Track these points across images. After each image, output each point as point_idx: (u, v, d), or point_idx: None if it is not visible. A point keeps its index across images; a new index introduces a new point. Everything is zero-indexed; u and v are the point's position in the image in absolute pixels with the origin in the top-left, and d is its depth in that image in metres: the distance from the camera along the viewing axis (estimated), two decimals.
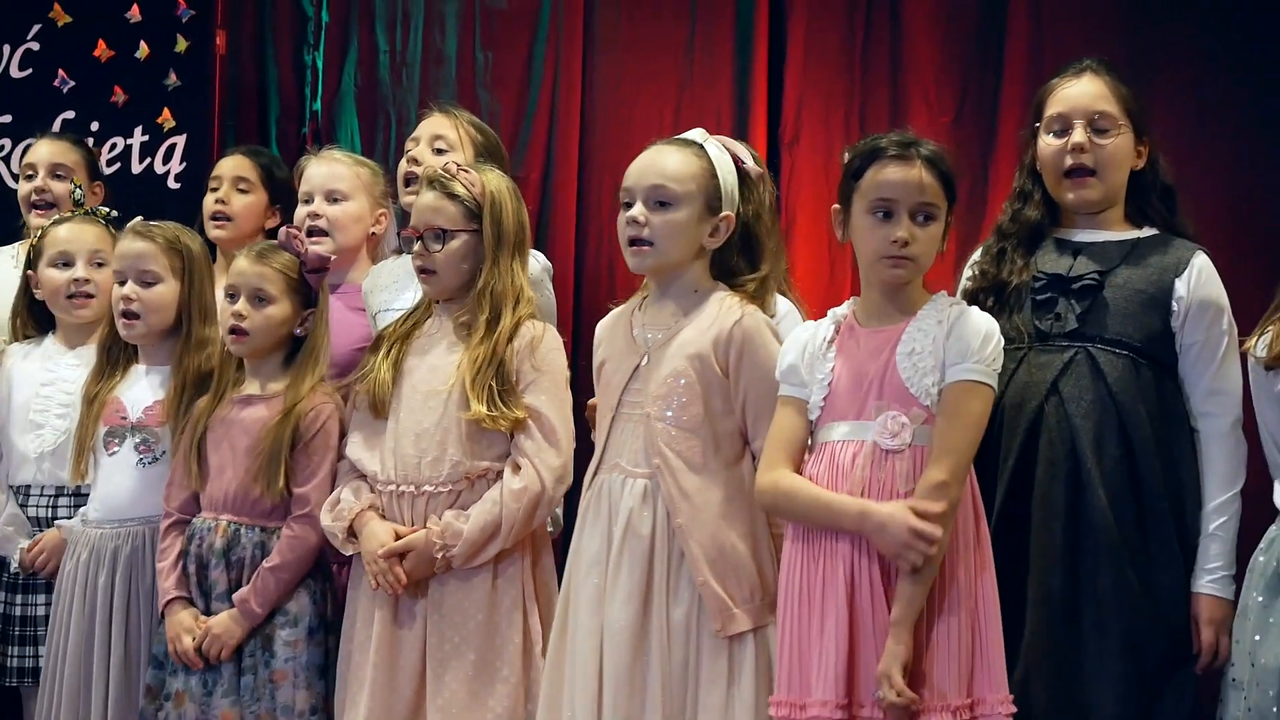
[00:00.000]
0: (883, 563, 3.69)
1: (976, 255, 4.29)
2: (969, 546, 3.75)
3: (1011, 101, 5.32)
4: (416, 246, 4.28)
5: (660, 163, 4.03)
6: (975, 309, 3.87)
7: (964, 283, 4.27)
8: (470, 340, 4.24)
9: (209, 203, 5.32)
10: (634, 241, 4.01)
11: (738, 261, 4.12)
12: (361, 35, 6.07)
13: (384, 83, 6.04)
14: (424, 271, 4.29)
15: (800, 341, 3.92)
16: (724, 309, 4.01)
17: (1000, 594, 3.79)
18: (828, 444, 3.80)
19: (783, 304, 4.26)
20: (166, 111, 6.11)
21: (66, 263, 4.83)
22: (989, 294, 4.18)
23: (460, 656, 4.16)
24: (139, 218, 4.72)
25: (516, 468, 4.19)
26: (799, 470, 3.83)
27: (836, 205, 3.90)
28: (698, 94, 5.61)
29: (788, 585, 3.80)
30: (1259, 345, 4.02)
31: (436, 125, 4.93)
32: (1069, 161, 4.13)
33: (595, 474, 4.06)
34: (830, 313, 3.97)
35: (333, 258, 4.59)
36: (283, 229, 4.50)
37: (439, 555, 4.13)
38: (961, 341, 3.76)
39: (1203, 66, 5.22)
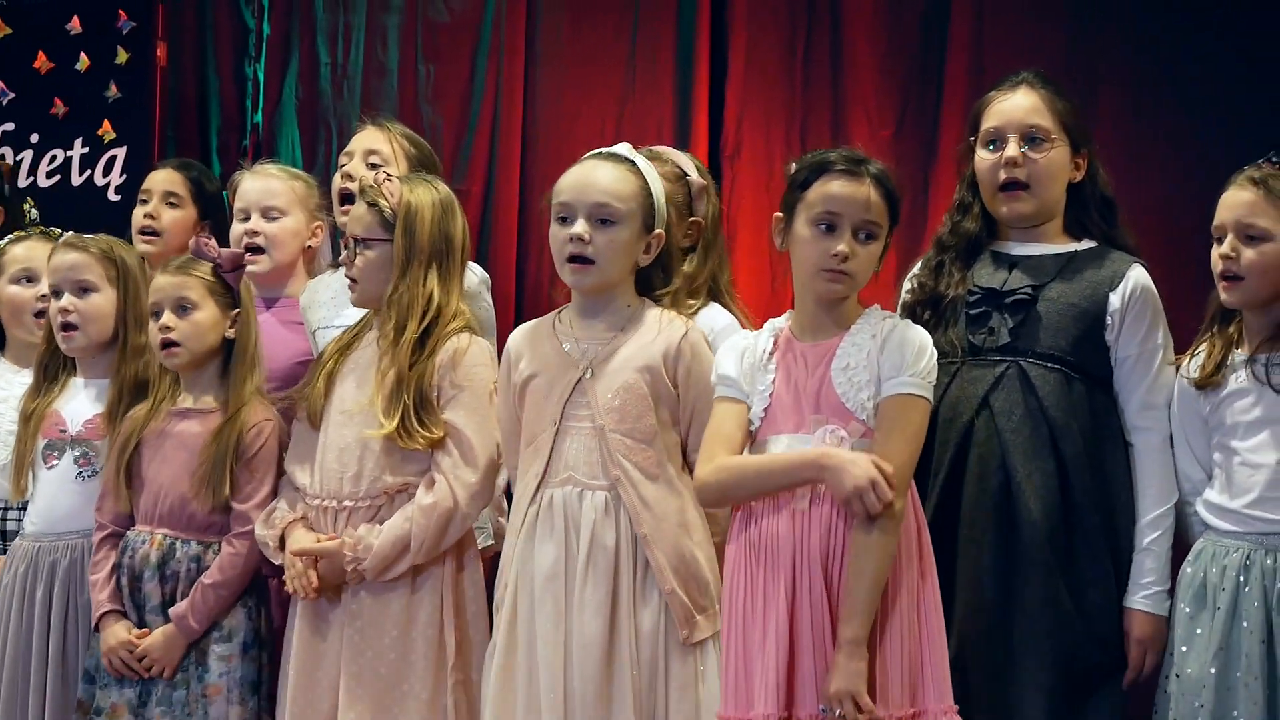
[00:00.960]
0: (825, 568, 3.68)
1: (916, 268, 4.29)
2: (912, 557, 3.75)
3: (952, 114, 5.33)
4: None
5: (602, 179, 4.02)
6: (908, 322, 3.88)
7: (903, 295, 4.27)
8: (386, 354, 4.23)
9: (138, 216, 5.26)
10: (576, 259, 4.00)
11: (655, 276, 4.13)
12: (303, 48, 6.06)
13: (325, 95, 6.03)
14: (351, 280, 4.28)
15: (737, 350, 3.91)
16: (666, 322, 4.03)
17: None
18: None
19: (723, 316, 4.26)
20: (107, 123, 6.10)
21: (30, 279, 4.82)
22: (926, 307, 4.17)
23: (373, 670, 4.13)
24: (70, 232, 4.71)
25: (431, 483, 4.16)
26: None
27: (779, 214, 3.90)
28: (639, 107, 5.62)
29: (731, 596, 3.80)
30: (1191, 365, 4.05)
31: (370, 139, 4.88)
32: (1002, 175, 4.13)
33: (540, 487, 4.04)
34: (768, 324, 3.97)
35: (249, 255, 4.60)
36: (192, 239, 4.48)
37: (350, 568, 4.12)
38: (896, 355, 3.76)
39: (1143, 81, 5.24)
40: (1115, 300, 4.08)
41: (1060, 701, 3.96)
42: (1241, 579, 3.85)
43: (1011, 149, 4.12)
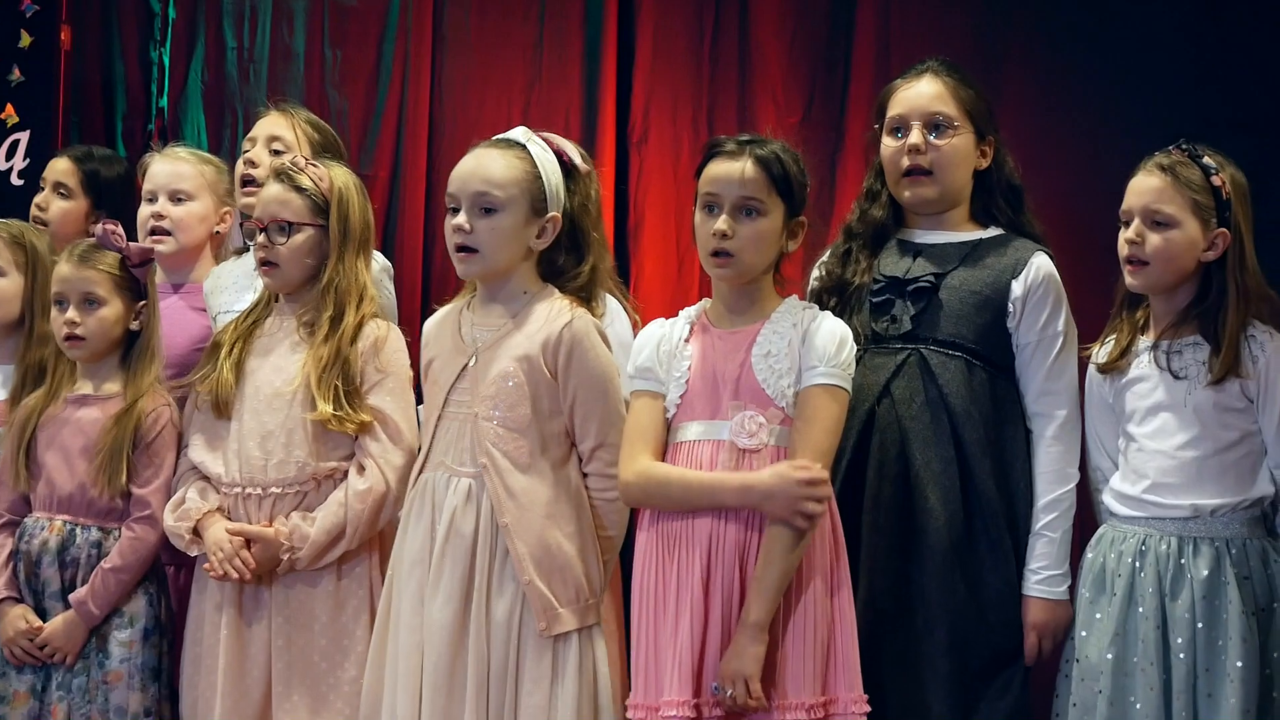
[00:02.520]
0: (741, 558, 3.71)
1: (825, 255, 4.31)
2: (824, 544, 3.78)
3: (859, 101, 5.34)
4: (260, 238, 4.25)
5: (484, 168, 4.01)
6: (828, 314, 3.91)
7: (811, 282, 4.28)
8: (314, 339, 4.22)
9: (34, 203, 5.25)
10: (460, 249, 4.00)
11: (565, 260, 4.13)
12: (209, 32, 6.00)
13: (231, 79, 5.97)
14: (267, 264, 4.25)
15: (653, 339, 3.94)
16: (553, 312, 4.01)
17: None
18: (682, 444, 3.82)
19: (611, 303, 4.28)
20: (10, 107, 6.02)
21: None
22: (832, 294, 4.20)
23: (306, 658, 4.15)
24: None
25: (361, 469, 4.18)
26: (661, 455, 3.84)
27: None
28: (547, 93, 5.60)
29: (641, 585, 3.82)
30: (1100, 352, 4.09)
31: (272, 125, 4.87)
32: (906, 162, 4.16)
33: (420, 473, 4.04)
34: (683, 312, 3.99)
35: (156, 250, 4.56)
36: (99, 225, 4.44)
37: (285, 556, 4.12)
38: (817, 346, 3.80)
39: (1050, 69, 5.27)
40: (1017, 287, 4.11)
41: (962, 688, 3.99)
42: (1137, 564, 3.90)
43: (915, 135, 4.15)
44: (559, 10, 5.63)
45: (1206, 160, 3.97)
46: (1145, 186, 3.97)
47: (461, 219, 3.98)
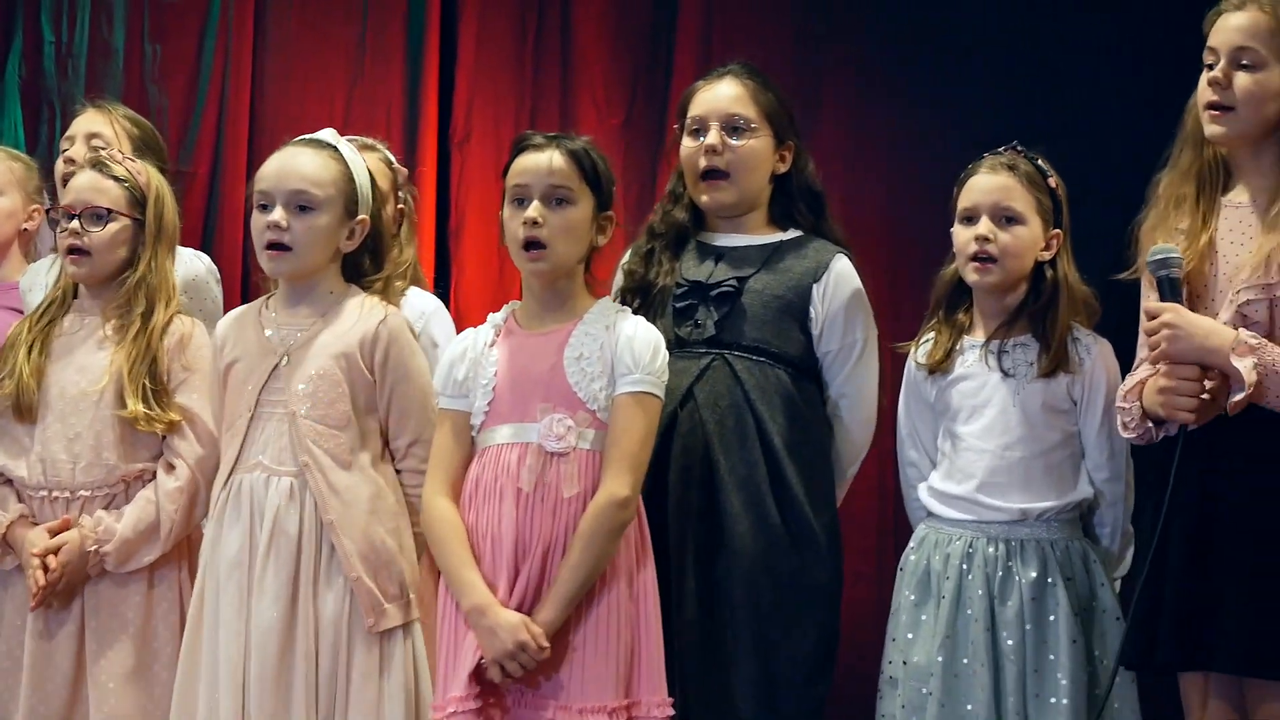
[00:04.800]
0: (546, 558, 3.71)
1: (627, 255, 4.31)
2: (630, 546, 3.78)
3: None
4: (72, 224, 4.18)
5: (300, 166, 3.99)
6: (641, 319, 3.92)
7: (616, 281, 4.28)
8: (124, 336, 4.17)
9: None
10: (273, 246, 3.97)
11: (365, 263, 4.12)
12: (26, 26, 5.92)
13: (49, 74, 5.89)
14: (76, 252, 4.18)
15: (460, 349, 3.94)
16: (366, 309, 4.01)
17: None
18: (491, 447, 3.81)
19: (431, 300, 4.34)
20: None
21: None
22: (636, 294, 4.19)
23: (120, 663, 4.09)
24: None
25: (170, 468, 4.14)
26: (461, 484, 3.83)
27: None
28: (368, 91, 5.59)
29: (444, 598, 3.82)
30: (919, 352, 4.11)
31: (91, 122, 4.82)
32: (703, 163, 4.16)
33: (231, 473, 4.00)
34: (489, 318, 3.98)
35: None
36: None
37: (91, 550, 4.05)
38: (632, 352, 3.79)
39: (867, 75, 5.33)
40: (818, 291, 4.12)
41: (769, 690, 4.00)
42: (965, 567, 3.94)
43: (713, 136, 4.15)
44: (382, 9, 5.63)
45: (1040, 162, 4.03)
46: (992, 184, 4.00)
47: (278, 216, 3.94)
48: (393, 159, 4.19)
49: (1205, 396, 3.58)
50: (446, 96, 5.58)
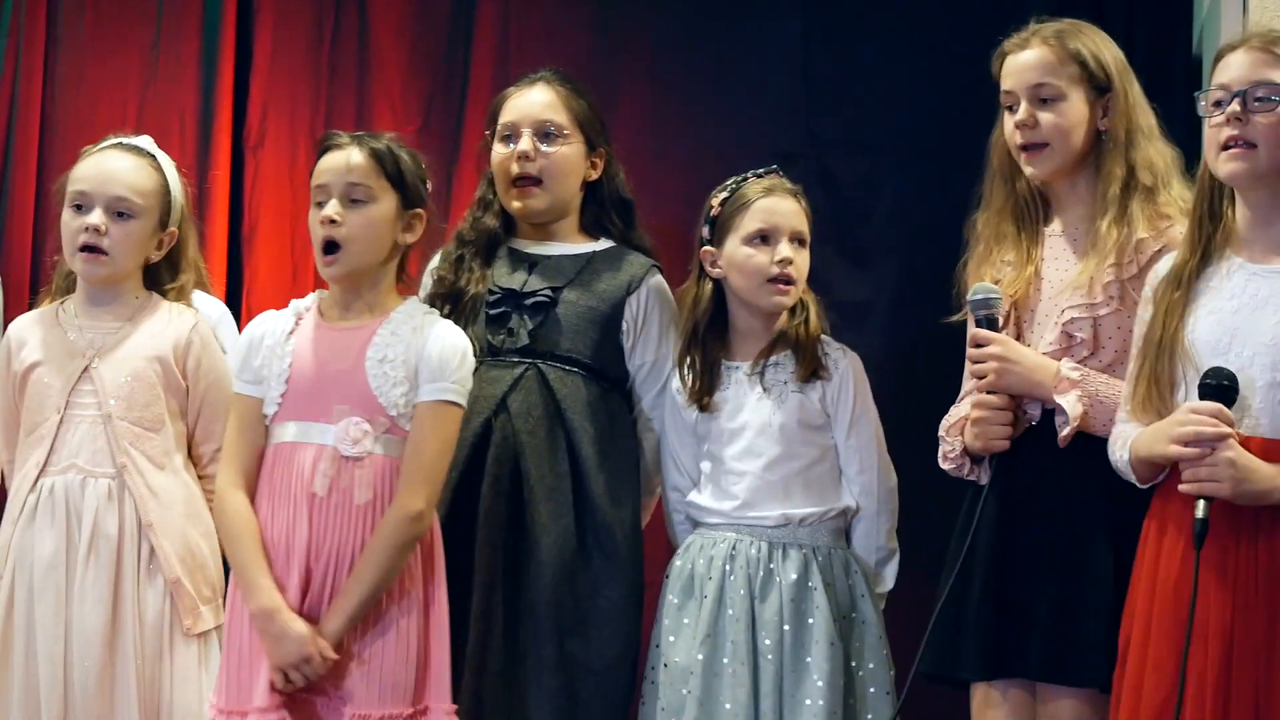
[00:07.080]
0: (336, 565, 3.73)
1: (436, 260, 4.32)
2: (421, 556, 3.80)
3: (476, 111, 5.33)
4: None
5: (123, 172, 4.02)
6: (449, 323, 3.93)
7: (424, 287, 4.29)
8: None
9: None
10: (88, 249, 3.95)
11: (163, 271, 4.14)
12: None
13: None
14: None
15: (257, 334, 3.92)
16: (175, 314, 4.06)
17: None
18: (285, 444, 3.80)
19: (217, 305, 4.35)
20: None
21: None
22: (446, 301, 4.20)
23: None
24: None
25: None
26: (256, 477, 3.82)
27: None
28: (162, 93, 5.51)
29: (235, 589, 3.81)
30: (676, 386, 4.18)
31: None
32: (515, 169, 4.21)
33: (40, 475, 3.97)
34: (292, 304, 3.98)
35: None
36: None
37: None
38: (437, 358, 3.81)
39: (665, 84, 5.37)
40: (631, 306, 4.19)
41: (568, 703, 4.03)
42: (727, 567, 4.00)
43: (525, 142, 4.20)
44: (177, 11, 5.54)
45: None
46: (789, 207, 4.14)
47: (96, 219, 3.95)
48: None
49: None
50: (241, 100, 5.53)
